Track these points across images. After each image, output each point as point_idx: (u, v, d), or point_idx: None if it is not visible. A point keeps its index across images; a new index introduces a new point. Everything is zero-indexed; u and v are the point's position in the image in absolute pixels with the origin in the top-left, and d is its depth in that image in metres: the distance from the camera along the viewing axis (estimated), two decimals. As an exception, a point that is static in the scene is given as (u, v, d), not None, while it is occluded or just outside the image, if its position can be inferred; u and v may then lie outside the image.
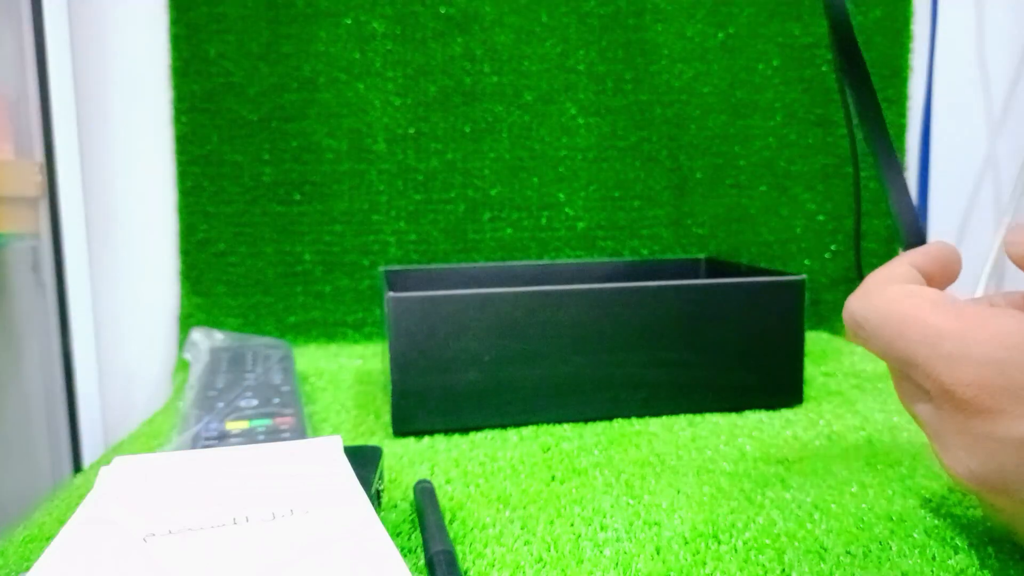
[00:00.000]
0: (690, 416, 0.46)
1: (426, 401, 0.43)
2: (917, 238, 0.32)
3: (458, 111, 0.72)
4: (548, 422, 0.45)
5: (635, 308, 0.45)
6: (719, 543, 0.29)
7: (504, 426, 0.45)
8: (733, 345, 0.46)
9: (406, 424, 0.44)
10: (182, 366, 0.66)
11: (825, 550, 0.29)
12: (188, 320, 0.71)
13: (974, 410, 0.24)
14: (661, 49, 0.73)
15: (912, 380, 0.27)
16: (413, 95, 0.72)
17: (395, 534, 0.31)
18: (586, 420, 0.46)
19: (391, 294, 0.42)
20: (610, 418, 0.46)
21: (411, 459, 0.40)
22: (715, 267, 0.63)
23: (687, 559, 0.28)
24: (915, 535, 0.30)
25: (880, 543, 0.29)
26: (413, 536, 0.31)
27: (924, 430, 0.27)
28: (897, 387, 0.29)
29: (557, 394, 0.45)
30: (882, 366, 0.57)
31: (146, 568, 0.23)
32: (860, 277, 0.80)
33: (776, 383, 0.47)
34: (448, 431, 0.44)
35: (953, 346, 0.24)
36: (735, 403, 0.47)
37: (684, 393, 0.46)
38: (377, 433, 0.45)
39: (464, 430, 0.45)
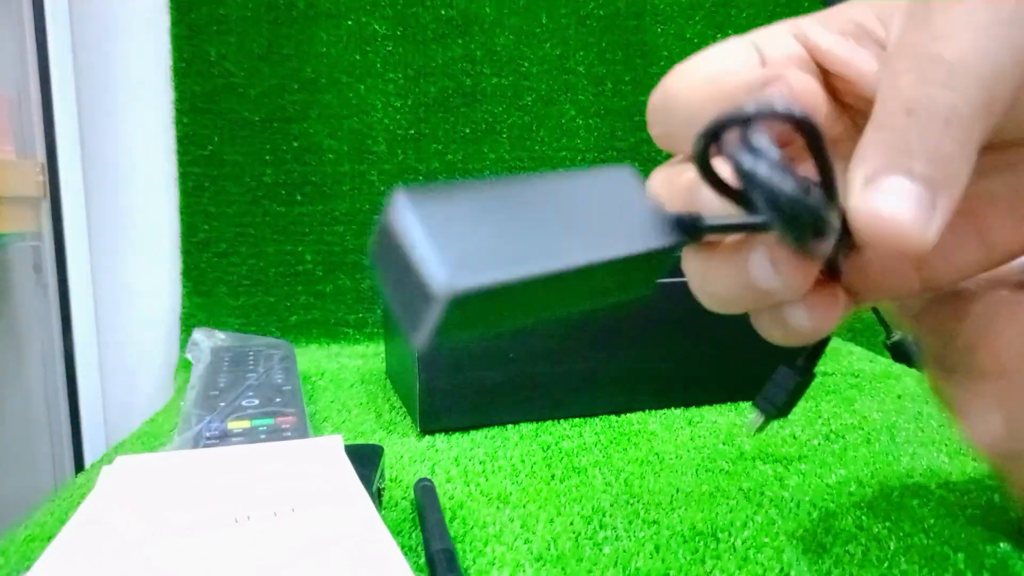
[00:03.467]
0: (689, 415, 0.46)
1: (453, 399, 0.44)
2: None
3: (458, 112, 0.73)
4: (571, 416, 0.46)
5: (650, 304, 0.47)
6: (718, 542, 0.30)
7: (529, 421, 0.46)
8: (740, 338, 0.48)
9: (434, 422, 0.44)
10: (184, 366, 0.66)
11: (824, 549, 0.29)
12: (190, 320, 0.71)
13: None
14: (660, 51, 0.74)
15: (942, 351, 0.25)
16: (414, 96, 0.72)
17: (396, 532, 0.31)
18: (607, 413, 0.47)
19: None
20: (628, 411, 0.47)
21: (412, 458, 0.40)
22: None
23: (686, 558, 0.28)
24: (914, 534, 0.30)
25: (879, 542, 0.29)
26: (414, 534, 0.31)
27: (946, 401, 0.27)
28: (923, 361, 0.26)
29: (579, 389, 0.46)
30: (880, 366, 0.57)
31: (147, 568, 0.23)
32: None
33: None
34: (474, 427, 0.45)
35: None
36: (741, 393, 0.49)
37: (695, 385, 0.48)
38: (378, 432, 0.45)
39: (490, 426, 0.45)
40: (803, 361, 0.26)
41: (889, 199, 0.19)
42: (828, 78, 0.23)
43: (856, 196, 0.19)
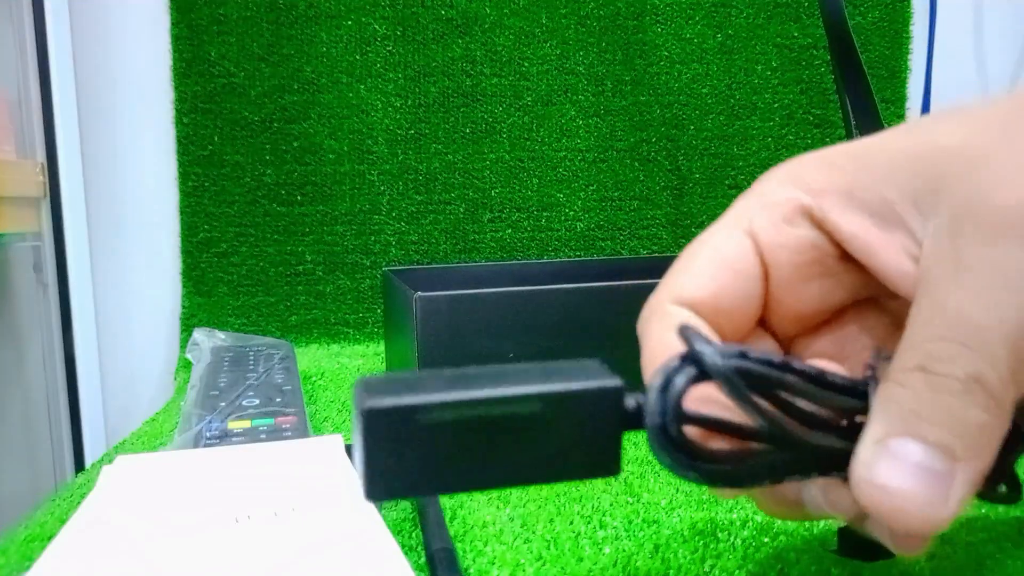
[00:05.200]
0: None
1: None
2: None
3: (458, 113, 0.73)
4: None
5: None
6: (718, 541, 0.30)
7: None
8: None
9: None
10: (184, 366, 0.67)
11: (824, 548, 0.29)
12: (190, 320, 0.71)
13: None
14: (660, 51, 0.74)
15: None
16: (414, 97, 0.72)
17: (396, 532, 0.31)
18: None
19: (419, 294, 0.42)
20: None
21: (412, 458, 0.40)
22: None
23: (686, 557, 0.28)
24: (912, 533, 0.30)
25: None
26: (414, 534, 0.31)
27: None
28: None
29: None
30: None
31: (147, 568, 0.23)
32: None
33: None
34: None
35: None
36: None
37: None
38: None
39: None
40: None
41: (895, 468, 0.16)
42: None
43: (860, 461, 0.17)
